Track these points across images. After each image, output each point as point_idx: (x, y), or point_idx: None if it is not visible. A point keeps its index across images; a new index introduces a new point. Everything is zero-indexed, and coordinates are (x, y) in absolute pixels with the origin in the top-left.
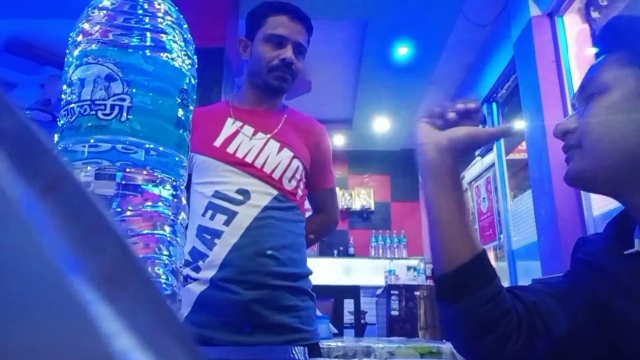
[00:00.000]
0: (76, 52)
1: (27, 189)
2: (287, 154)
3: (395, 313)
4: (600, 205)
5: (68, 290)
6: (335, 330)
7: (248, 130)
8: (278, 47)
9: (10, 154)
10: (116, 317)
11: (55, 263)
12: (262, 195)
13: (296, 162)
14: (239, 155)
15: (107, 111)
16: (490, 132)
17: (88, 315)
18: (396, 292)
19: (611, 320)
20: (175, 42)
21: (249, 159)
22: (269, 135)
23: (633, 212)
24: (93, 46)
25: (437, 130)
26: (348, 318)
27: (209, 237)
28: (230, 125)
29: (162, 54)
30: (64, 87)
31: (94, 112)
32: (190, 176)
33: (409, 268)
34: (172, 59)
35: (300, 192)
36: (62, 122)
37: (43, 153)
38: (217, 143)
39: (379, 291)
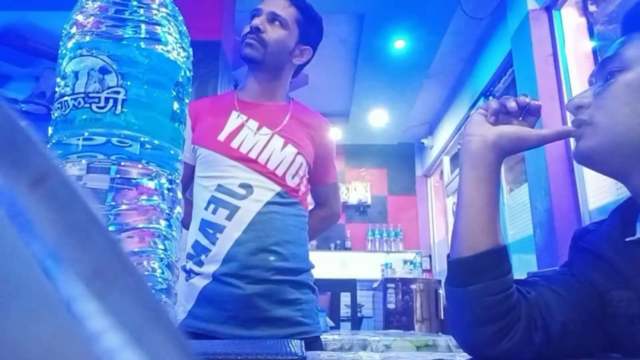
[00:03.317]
0: (70, 44)
1: (13, 183)
2: (291, 150)
3: (391, 306)
4: (596, 199)
5: (54, 287)
6: (332, 324)
7: (253, 124)
8: (252, 21)
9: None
10: (104, 313)
11: (40, 259)
12: (265, 191)
13: (300, 159)
14: (243, 150)
15: (102, 104)
16: (543, 136)
17: (75, 313)
18: (393, 285)
19: (609, 311)
20: (170, 34)
21: (253, 155)
22: (273, 131)
23: (638, 196)
24: (87, 38)
25: (488, 124)
26: (345, 311)
27: (211, 231)
28: (235, 119)
29: (157, 46)
30: (58, 79)
31: (88, 105)
32: (193, 169)
33: (405, 262)
34: (167, 51)
35: (303, 188)
36: (56, 115)
37: (30, 147)
38: (222, 137)
39: (375, 284)
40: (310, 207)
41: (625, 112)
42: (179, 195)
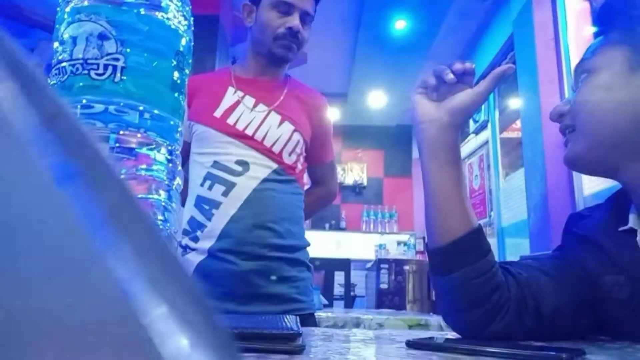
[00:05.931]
0: (68, 8)
1: (33, 117)
2: (288, 127)
3: (384, 286)
4: (591, 185)
5: (75, 223)
6: (325, 302)
7: (249, 101)
8: (285, 15)
9: (18, 81)
10: (120, 258)
11: (63, 194)
12: (261, 168)
13: (297, 136)
14: (240, 127)
15: (100, 71)
16: (485, 89)
17: (94, 254)
18: (386, 266)
19: (600, 295)
20: (171, 1)
21: (249, 132)
22: (270, 108)
23: (628, 187)
24: (85, 2)
25: (434, 103)
26: (338, 290)
27: (207, 207)
28: (231, 95)
29: (157, 13)
30: (56, 44)
31: (86, 72)
32: (189, 145)
33: (399, 243)
34: (168, 18)
35: (299, 166)
36: (53, 81)
37: (39, 87)
38: (218, 113)
39: (369, 265)
40: (307, 187)
41: (598, 111)
42: (179, 166)
